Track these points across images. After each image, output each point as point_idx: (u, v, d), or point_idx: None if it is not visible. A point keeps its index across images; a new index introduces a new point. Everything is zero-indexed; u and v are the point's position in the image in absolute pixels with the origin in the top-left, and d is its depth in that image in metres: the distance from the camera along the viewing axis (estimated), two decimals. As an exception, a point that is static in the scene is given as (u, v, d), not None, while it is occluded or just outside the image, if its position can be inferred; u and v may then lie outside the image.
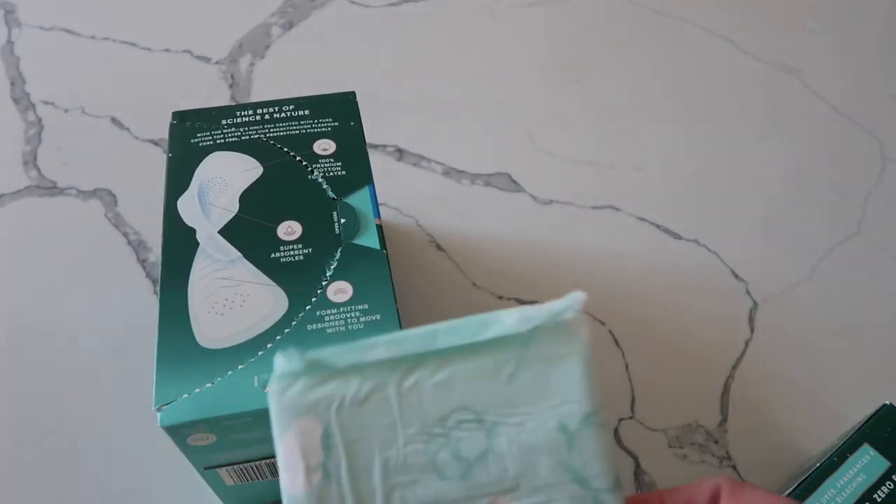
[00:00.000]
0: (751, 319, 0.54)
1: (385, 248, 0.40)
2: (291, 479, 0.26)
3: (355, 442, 0.26)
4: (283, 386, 0.26)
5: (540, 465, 0.27)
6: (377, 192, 0.43)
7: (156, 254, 0.56)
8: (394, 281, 0.39)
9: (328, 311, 0.37)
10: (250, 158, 0.43)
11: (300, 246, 0.40)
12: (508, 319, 0.27)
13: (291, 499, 0.26)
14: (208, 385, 0.34)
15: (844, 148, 0.65)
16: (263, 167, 0.43)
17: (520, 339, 0.27)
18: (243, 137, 0.45)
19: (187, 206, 0.41)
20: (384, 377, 0.27)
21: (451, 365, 0.27)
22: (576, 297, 0.27)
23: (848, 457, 0.41)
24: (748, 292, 0.56)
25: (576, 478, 0.27)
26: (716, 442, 0.49)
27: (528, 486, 0.27)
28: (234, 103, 0.65)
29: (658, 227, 0.59)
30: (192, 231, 0.40)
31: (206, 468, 0.38)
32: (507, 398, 0.27)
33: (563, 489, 0.27)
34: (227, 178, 0.42)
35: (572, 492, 0.27)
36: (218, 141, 0.44)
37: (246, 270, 0.38)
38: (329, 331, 0.36)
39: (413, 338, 0.27)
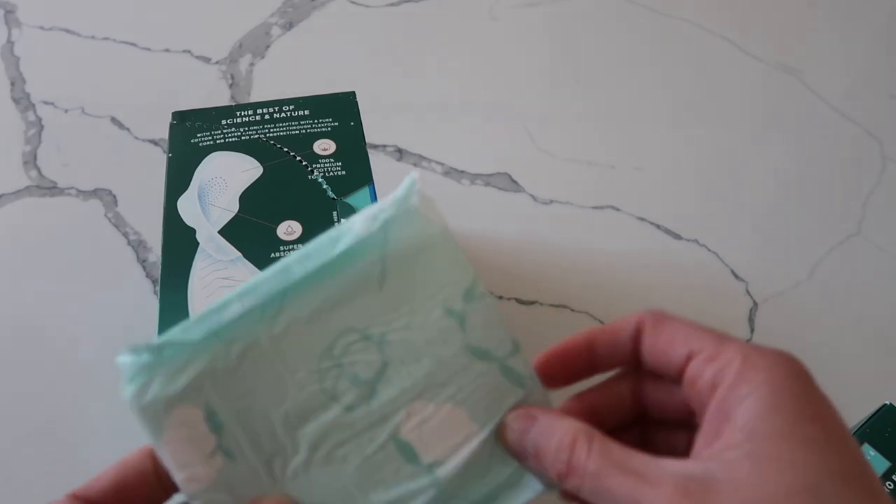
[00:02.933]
0: (751, 319, 0.54)
1: (385, 248, 0.40)
2: (188, 478, 0.23)
3: (245, 410, 0.23)
4: (139, 387, 0.23)
5: (442, 357, 0.25)
6: (377, 192, 0.43)
7: (156, 254, 0.56)
8: (394, 281, 0.39)
9: (328, 311, 0.37)
10: (250, 158, 0.43)
11: (300, 246, 0.39)
12: (356, 224, 0.24)
13: (194, 498, 0.23)
14: (208, 385, 0.34)
15: (844, 148, 0.65)
16: (263, 167, 0.43)
17: (375, 241, 0.25)
18: (243, 137, 0.45)
19: (187, 206, 0.41)
20: (251, 331, 0.23)
21: (315, 293, 0.24)
22: (411, 179, 0.25)
23: (848, 457, 0.41)
24: (748, 292, 0.56)
25: (478, 354, 0.26)
26: (716, 442, 0.49)
27: (437, 381, 0.25)
28: (234, 103, 0.65)
29: (658, 227, 0.59)
30: (192, 231, 0.40)
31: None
32: (384, 305, 0.25)
33: (469, 372, 0.25)
34: (227, 178, 0.42)
35: (479, 370, 0.25)
36: (218, 141, 0.44)
37: (246, 270, 0.38)
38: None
39: (266, 280, 0.24)
